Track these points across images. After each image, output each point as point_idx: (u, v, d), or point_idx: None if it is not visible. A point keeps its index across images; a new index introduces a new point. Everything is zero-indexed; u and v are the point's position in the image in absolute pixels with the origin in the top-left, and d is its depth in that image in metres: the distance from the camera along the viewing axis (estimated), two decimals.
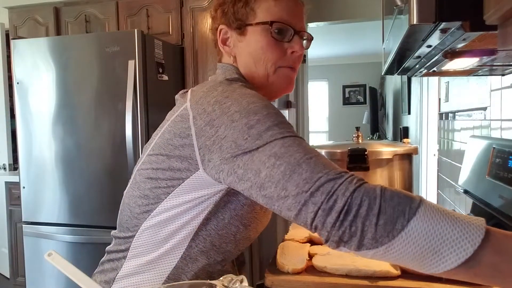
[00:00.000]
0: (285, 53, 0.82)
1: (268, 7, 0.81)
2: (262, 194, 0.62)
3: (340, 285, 0.84)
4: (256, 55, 0.82)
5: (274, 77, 0.83)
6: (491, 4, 0.61)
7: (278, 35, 0.81)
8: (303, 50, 0.83)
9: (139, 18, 3.00)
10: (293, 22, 0.82)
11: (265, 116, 0.66)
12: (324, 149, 1.36)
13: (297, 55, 0.83)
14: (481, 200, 1.26)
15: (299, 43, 0.82)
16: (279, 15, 0.80)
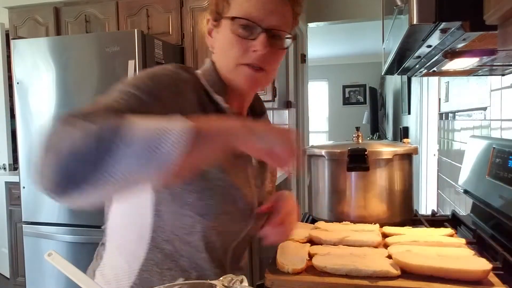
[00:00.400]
0: (247, 51, 0.79)
1: (241, 2, 0.79)
2: None
3: (340, 285, 0.84)
4: (222, 49, 0.82)
5: (234, 74, 0.82)
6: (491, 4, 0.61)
7: (242, 31, 0.78)
8: (267, 49, 0.78)
9: (139, 18, 3.00)
10: (263, 19, 0.77)
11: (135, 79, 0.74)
12: (324, 149, 1.36)
13: (258, 54, 0.78)
14: (481, 200, 1.26)
15: (263, 42, 0.77)
16: (248, 11, 0.77)
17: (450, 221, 1.35)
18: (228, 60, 0.81)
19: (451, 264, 0.82)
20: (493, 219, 1.22)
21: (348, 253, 0.94)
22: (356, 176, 1.29)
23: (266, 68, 0.81)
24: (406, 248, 0.94)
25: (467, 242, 1.02)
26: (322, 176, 1.37)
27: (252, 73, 0.80)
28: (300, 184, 3.80)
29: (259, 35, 0.78)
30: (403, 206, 1.33)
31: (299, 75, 3.99)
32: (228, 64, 0.81)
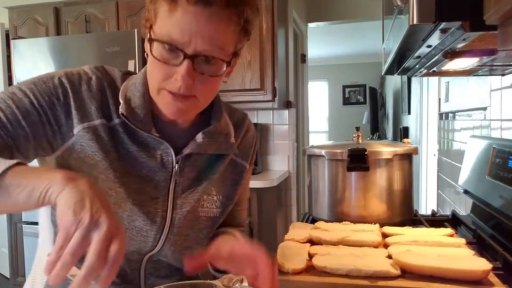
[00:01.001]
0: (169, 77, 0.68)
1: (162, 17, 0.65)
2: None
3: (340, 285, 0.84)
4: (149, 69, 0.73)
5: (157, 98, 0.73)
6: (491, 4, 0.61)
7: (164, 54, 0.67)
8: (190, 80, 0.67)
9: (139, 18, 3.00)
10: (188, 44, 0.65)
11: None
12: (324, 149, 1.36)
13: (180, 84, 0.67)
14: (481, 200, 1.26)
15: (184, 72, 0.65)
16: (170, 32, 0.65)
17: (450, 221, 1.35)
18: (151, 81, 0.73)
19: (451, 264, 0.82)
20: (493, 219, 1.22)
21: (348, 253, 0.94)
22: (356, 176, 1.29)
23: (195, 95, 0.70)
24: (406, 248, 0.94)
25: (467, 242, 1.02)
26: (322, 176, 1.37)
27: (173, 102, 0.70)
28: (300, 184, 3.80)
29: (183, 62, 0.66)
30: (403, 206, 1.33)
31: (299, 75, 3.99)
32: (152, 86, 0.73)
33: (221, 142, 0.83)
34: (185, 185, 0.81)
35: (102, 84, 0.77)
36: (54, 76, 0.75)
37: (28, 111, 0.70)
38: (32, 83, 0.73)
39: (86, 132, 0.74)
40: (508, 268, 0.90)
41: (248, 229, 2.62)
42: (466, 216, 1.43)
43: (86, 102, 0.75)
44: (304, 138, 4.20)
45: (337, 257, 0.91)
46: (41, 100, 0.71)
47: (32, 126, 0.70)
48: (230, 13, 0.66)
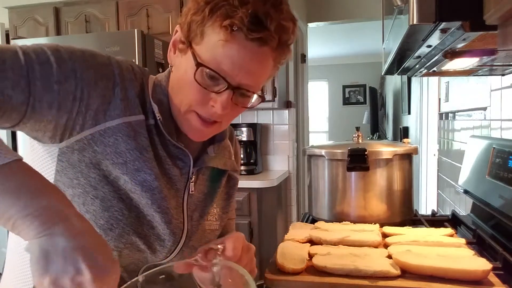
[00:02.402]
0: (204, 102, 0.68)
1: (214, 44, 0.64)
2: None
3: (340, 285, 0.84)
4: (180, 84, 0.70)
5: (183, 117, 0.71)
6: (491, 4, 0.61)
7: (205, 80, 0.66)
8: (226, 111, 0.67)
9: (139, 18, 3.01)
10: (235, 77, 0.65)
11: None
12: (324, 149, 1.36)
13: (215, 111, 0.68)
14: (481, 200, 1.26)
15: (224, 101, 0.66)
16: (219, 61, 0.64)
17: (450, 221, 1.35)
18: (182, 100, 0.70)
19: (451, 264, 0.82)
20: (493, 219, 1.22)
21: (348, 253, 0.94)
22: (356, 176, 1.29)
23: (221, 121, 0.72)
24: (406, 248, 0.94)
25: (467, 242, 1.02)
26: (322, 176, 1.37)
27: (201, 127, 0.71)
28: (300, 184, 3.80)
29: (224, 91, 0.66)
30: (403, 206, 1.33)
31: (299, 75, 3.99)
32: (181, 104, 0.70)
33: (226, 158, 0.84)
34: (196, 198, 0.80)
35: (142, 78, 0.74)
36: (103, 55, 0.69)
37: (66, 77, 0.62)
38: (80, 51, 0.66)
39: (126, 126, 0.67)
40: (508, 268, 0.90)
41: (248, 229, 2.63)
42: (466, 216, 1.43)
43: (130, 93, 0.69)
44: (304, 138, 4.20)
45: (337, 257, 0.91)
46: (84, 72, 0.64)
47: (62, 95, 0.62)
48: (276, 54, 0.68)
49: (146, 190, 0.69)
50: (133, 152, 0.68)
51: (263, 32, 0.63)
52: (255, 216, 2.64)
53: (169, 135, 0.73)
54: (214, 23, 0.64)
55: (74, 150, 0.66)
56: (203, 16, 0.64)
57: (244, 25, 0.62)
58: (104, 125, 0.66)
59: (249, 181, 2.64)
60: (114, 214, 0.68)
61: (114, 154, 0.67)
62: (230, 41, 0.63)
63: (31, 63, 0.59)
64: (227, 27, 0.62)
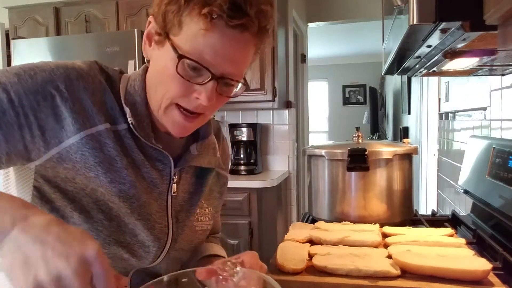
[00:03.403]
0: (187, 94, 0.65)
1: (195, 34, 0.61)
2: None
3: (340, 285, 0.84)
4: (159, 77, 0.67)
5: (164, 113, 0.68)
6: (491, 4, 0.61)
7: (187, 72, 0.63)
8: (212, 102, 0.65)
9: (139, 18, 3.00)
10: (218, 66, 0.63)
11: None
12: (324, 149, 1.36)
13: (199, 103, 0.65)
14: (481, 200, 1.26)
15: (209, 92, 0.64)
16: (200, 49, 0.61)
17: (450, 221, 1.35)
18: (161, 94, 0.67)
19: (451, 264, 0.82)
20: (493, 219, 1.22)
21: (348, 253, 0.94)
22: (356, 176, 1.29)
23: (205, 113, 0.69)
24: (406, 248, 0.94)
25: (467, 242, 1.02)
26: (322, 176, 1.37)
27: (183, 122, 0.68)
28: (300, 184, 3.80)
29: (208, 82, 0.63)
30: (403, 206, 1.33)
31: (299, 75, 3.99)
32: (160, 99, 0.67)
33: (210, 156, 0.82)
34: (180, 198, 0.78)
35: (101, 82, 0.69)
36: (45, 69, 0.65)
37: (4, 110, 0.60)
38: (16, 75, 0.62)
39: (90, 139, 0.65)
40: (508, 268, 0.90)
41: (248, 229, 2.63)
42: (466, 216, 1.43)
43: (85, 103, 0.66)
44: (304, 138, 4.20)
45: (337, 257, 0.91)
46: (23, 98, 0.61)
47: (5, 128, 0.60)
48: (257, 39, 0.66)
49: (123, 200, 0.68)
50: (103, 164, 0.66)
51: (243, 18, 0.61)
52: (255, 216, 2.64)
53: (145, 137, 0.70)
54: (191, 12, 0.61)
55: (47, 168, 0.66)
56: (179, 5, 0.61)
57: (223, 12, 0.59)
58: (68, 142, 0.64)
59: (249, 181, 2.64)
60: (94, 225, 0.67)
61: (84, 169, 0.65)
62: (211, 30, 0.60)
63: None
64: (207, 15, 0.59)
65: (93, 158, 0.65)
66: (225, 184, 0.89)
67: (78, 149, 0.65)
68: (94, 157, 0.65)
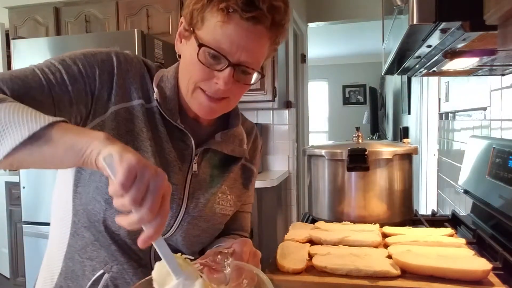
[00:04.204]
0: (208, 80, 0.74)
1: (214, 26, 0.71)
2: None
3: (340, 285, 0.84)
4: (185, 66, 0.78)
5: (190, 97, 0.78)
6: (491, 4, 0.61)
7: (208, 59, 0.72)
8: (229, 86, 0.73)
9: (139, 18, 3.01)
10: (233, 54, 0.71)
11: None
12: (324, 149, 1.36)
13: (219, 87, 0.74)
14: (481, 200, 1.26)
15: (226, 77, 0.72)
16: (218, 40, 0.71)
17: (450, 221, 1.35)
18: (188, 79, 0.77)
19: (451, 264, 0.82)
20: (493, 219, 1.22)
21: (348, 253, 0.94)
22: (356, 176, 1.29)
23: (227, 97, 0.77)
24: (406, 248, 0.94)
25: (467, 242, 1.02)
26: (322, 176, 1.37)
27: (208, 103, 0.76)
28: (300, 184, 3.80)
29: (225, 69, 0.72)
30: (403, 206, 1.33)
31: (299, 75, 3.99)
32: (188, 84, 0.77)
33: (235, 145, 0.89)
34: (201, 178, 0.85)
35: (142, 67, 0.82)
36: (102, 51, 0.78)
37: (76, 78, 0.73)
38: (81, 54, 0.76)
39: (124, 111, 0.77)
40: (508, 268, 0.90)
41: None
42: (466, 216, 1.43)
43: (127, 81, 0.78)
44: (304, 138, 4.20)
45: (337, 257, 0.91)
46: (89, 70, 0.74)
47: (77, 93, 0.73)
48: (271, 33, 0.74)
49: None
50: (131, 133, 0.77)
51: (255, 12, 0.69)
52: (255, 216, 2.64)
53: (169, 115, 0.80)
54: (212, 8, 0.71)
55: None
56: (203, 3, 0.72)
57: (238, 6, 0.69)
58: (109, 111, 0.76)
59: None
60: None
61: (117, 136, 0.75)
62: (227, 22, 0.70)
63: (46, 75, 0.71)
64: (223, 9, 0.69)
65: (124, 127, 0.77)
66: (251, 177, 0.95)
67: (115, 117, 0.77)
68: (125, 126, 0.77)
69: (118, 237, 0.78)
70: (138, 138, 0.78)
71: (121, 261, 0.79)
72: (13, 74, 0.69)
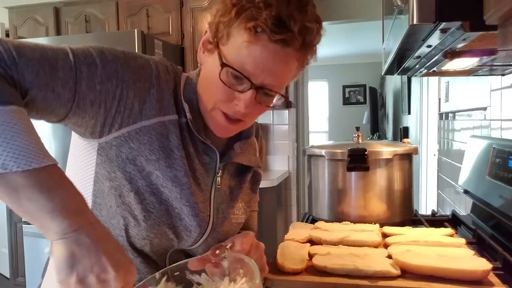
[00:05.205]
0: (229, 100, 0.71)
1: (240, 46, 0.66)
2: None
3: (340, 285, 0.84)
4: (207, 83, 0.74)
5: (209, 114, 0.75)
6: (491, 4, 0.61)
7: (230, 79, 0.69)
8: (249, 109, 0.70)
9: (139, 18, 3.00)
10: (258, 77, 0.67)
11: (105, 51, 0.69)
12: (324, 149, 1.36)
13: (239, 109, 0.70)
14: (481, 200, 1.26)
15: (247, 100, 0.69)
16: (243, 61, 0.66)
17: (450, 221, 1.35)
18: (209, 98, 0.74)
19: (451, 264, 0.82)
20: (493, 219, 1.22)
21: (348, 253, 0.94)
22: (356, 176, 1.29)
23: (245, 120, 0.75)
24: (406, 248, 0.94)
25: (467, 242, 1.02)
26: (322, 176, 1.37)
27: (226, 124, 0.74)
28: (300, 184, 3.80)
29: (248, 91, 0.68)
30: (403, 206, 1.33)
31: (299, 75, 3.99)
32: (208, 102, 0.74)
33: (251, 155, 0.87)
34: (222, 191, 0.83)
35: (175, 79, 0.77)
36: (142, 56, 0.73)
37: (109, 78, 0.66)
38: (122, 53, 0.70)
39: (160, 126, 0.72)
40: (508, 268, 0.90)
41: None
42: (466, 216, 1.43)
43: (165, 94, 0.73)
44: (304, 138, 4.20)
45: (337, 257, 0.91)
46: (126, 73, 0.68)
47: (104, 94, 0.66)
48: (300, 55, 0.70)
49: (176, 186, 0.73)
50: (165, 149, 0.72)
51: (286, 34, 0.64)
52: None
53: (198, 132, 0.76)
54: (239, 25, 0.66)
55: (112, 146, 0.71)
56: (230, 18, 0.67)
57: (267, 27, 0.64)
58: (140, 124, 0.70)
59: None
60: (147, 206, 0.72)
61: (148, 151, 0.71)
62: (254, 43, 0.65)
63: (79, 64, 0.64)
64: (251, 29, 0.64)
65: (158, 143, 0.72)
66: (258, 181, 0.93)
67: (148, 132, 0.71)
68: (159, 142, 0.72)
69: (142, 252, 0.77)
70: (171, 156, 0.73)
71: (139, 269, 0.77)
72: (44, 54, 0.61)
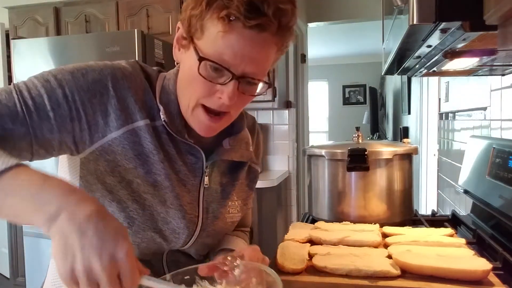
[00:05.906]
0: (210, 94, 0.68)
1: (215, 37, 0.64)
2: None
3: (340, 285, 0.84)
4: (185, 79, 0.71)
5: (192, 113, 0.72)
6: (491, 4, 0.61)
7: (209, 73, 0.66)
8: (233, 101, 0.67)
9: (139, 18, 3.00)
10: (238, 66, 0.65)
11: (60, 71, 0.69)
12: (324, 149, 1.36)
13: (222, 102, 0.68)
14: (481, 200, 1.26)
15: (230, 92, 0.66)
16: (221, 52, 0.64)
17: (450, 221, 1.35)
18: (190, 96, 0.71)
19: (451, 264, 0.82)
20: (493, 219, 1.22)
21: (348, 253, 0.94)
22: (356, 176, 1.29)
23: (230, 112, 0.72)
24: (406, 248, 0.94)
25: (467, 242, 1.02)
26: (322, 176, 1.37)
27: (209, 123, 0.71)
28: (300, 184, 3.80)
29: (229, 82, 0.66)
30: (403, 206, 1.33)
31: (299, 75, 3.99)
32: (188, 101, 0.71)
33: (243, 150, 0.85)
34: (212, 190, 0.82)
35: (143, 81, 0.75)
36: (95, 69, 0.71)
37: (59, 104, 0.66)
38: (70, 73, 0.69)
39: (130, 134, 0.71)
40: (508, 268, 0.90)
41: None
42: (466, 216, 1.43)
43: (129, 100, 0.71)
44: (304, 138, 4.19)
45: (337, 257, 0.91)
46: (76, 94, 0.67)
47: (59, 120, 0.66)
48: (278, 38, 0.68)
49: (158, 190, 0.73)
50: (141, 156, 0.72)
51: (260, 18, 0.62)
52: (255, 216, 2.64)
53: (177, 133, 0.75)
54: (212, 16, 0.64)
55: (90, 160, 0.72)
56: (201, 10, 0.65)
57: (240, 13, 0.62)
58: (110, 136, 0.70)
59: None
60: (130, 214, 0.72)
61: (125, 160, 0.71)
62: (229, 32, 0.63)
63: (24, 99, 0.64)
64: (224, 18, 0.62)
65: (132, 151, 0.71)
66: (256, 178, 0.92)
67: (120, 142, 0.70)
68: (133, 150, 0.71)
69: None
70: (148, 161, 0.72)
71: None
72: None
